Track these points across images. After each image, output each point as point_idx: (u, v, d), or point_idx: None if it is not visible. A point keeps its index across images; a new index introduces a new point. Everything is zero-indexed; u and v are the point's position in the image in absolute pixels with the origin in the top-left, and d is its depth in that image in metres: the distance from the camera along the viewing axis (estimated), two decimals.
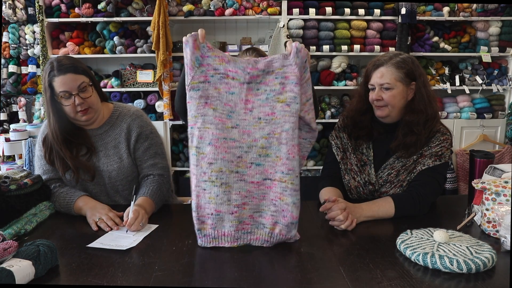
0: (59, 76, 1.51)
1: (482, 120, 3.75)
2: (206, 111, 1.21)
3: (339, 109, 3.75)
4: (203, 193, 1.22)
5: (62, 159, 1.58)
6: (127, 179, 1.65)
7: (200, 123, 1.21)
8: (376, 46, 3.64)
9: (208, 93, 1.22)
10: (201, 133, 1.21)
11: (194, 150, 1.22)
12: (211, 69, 1.23)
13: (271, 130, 1.23)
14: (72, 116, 1.56)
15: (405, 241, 1.19)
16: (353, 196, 1.65)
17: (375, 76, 1.58)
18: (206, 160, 1.21)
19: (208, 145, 1.20)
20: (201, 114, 1.21)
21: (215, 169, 1.20)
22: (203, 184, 1.22)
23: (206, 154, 1.21)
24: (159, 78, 3.53)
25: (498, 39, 3.75)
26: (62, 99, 1.53)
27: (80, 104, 1.53)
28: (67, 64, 1.53)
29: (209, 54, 1.25)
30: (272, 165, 1.23)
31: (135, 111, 1.72)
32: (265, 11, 3.59)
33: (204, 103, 1.22)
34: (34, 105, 3.79)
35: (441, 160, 1.54)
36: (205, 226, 1.23)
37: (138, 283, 1.04)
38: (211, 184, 1.21)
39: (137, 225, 1.35)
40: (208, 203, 1.22)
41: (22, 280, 0.99)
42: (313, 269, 1.10)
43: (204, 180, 1.21)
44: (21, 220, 1.38)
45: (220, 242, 1.24)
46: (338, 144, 1.69)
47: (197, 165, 1.22)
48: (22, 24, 3.71)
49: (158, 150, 1.69)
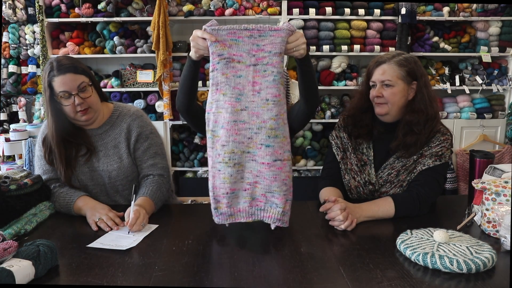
0: (58, 76, 1.51)
1: (482, 120, 3.75)
2: (218, 97, 1.29)
3: (339, 109, 3.75)
4: (218, 174, 1.30)
5: (60, 159, 1.58)
6: (127, 179, 1.65)
7: (214, 108, 1.30)
8: (376, 46, 3.64)
9: (217, 80, 1.29)
10: (215, 117, 1.30)
11: (210, 133, 1.30)
12: (216, 56, 1.28)
13: (278, 111, 1.29)
14: (72, 116, 1.56)
15: (405, 241, 1.19)
16: (353, 196, 1.65)
17: (376, 73, 1.58)
18: (220, 143, 1.28)
19: (221, 128, 1.28)
20: (215, 100, 1.30)
21: (227, 150, 1.28)
22: (218, 165, 1.29)
23: (220, 136, 1.29)
24: (159, 78, 3.53)
25: (498, 39, 3.74)
26: (62, 99, 1.53)
27: (80, 104, 1.53)
28: (66, 64, 1.53)
29: (211, 42, 1.28)
30: (281, 145, 1.29)
31: (135, 111, 1.72)
32: (265, 11, 3.59)
33: (215, 89, 1.30)
34: (34, 105, 3.79)
35: (441, 160, 1.54)
36: (221, 205, 1.31)
37: (138, 283, 1.04)
38: (225, 165, 1.28)
39: (139, 225, 1.35)
40: (223, 183, 1.29)
41: (22, 280, 0.99)
42: (313, 269, 1.10)
43: (218, 161, 1.29)
44: (21, 220, 1.38)
45: (236, 218, 1.33)
46: (338, 144, 1.69)
47: (212, 147, 1.31)
48: (22, 24, 3.71)
49: (158, 150, 1.69)
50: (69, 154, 1.60)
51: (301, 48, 1.33)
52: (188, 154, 3.79)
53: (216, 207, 1.32)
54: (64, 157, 1.58)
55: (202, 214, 1.55)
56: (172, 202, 1.81)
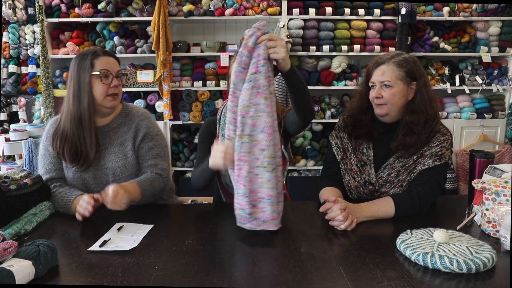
0: (104, 56, 1.61)
1: (482, 120, 3.75)
2: (258, 100, 1.26)
3: (339, 109, 3.75)
4: (255, 178, 1.28)
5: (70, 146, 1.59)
6: (131, 176, 1.66)
7: (252, 112, 1.27)
8: (376, 46, 3.64)
9: (259, 83, 1.27)
10: (254, 121, 1.27)
11: (247, 138, 1.27)
12: (261, 59, 1.27)
13: None
14: (101, 97, 1.59)
15: (405, 241, 1.19)
16: (353, 196, 1.65)
17: (376, 74, 1.58)
18: (258, 147, 1.27)
19: (260, 133, 1.27)
20: (253, 104, 1.27)
21: (267, 155, 1.26)
22: (255, 170, 1.28)
23: (259, 141, 1.27)
24: (159, 78, 3.53)
25: (498, 39, 3.75)
26: (100, 76, 1.58)
27: (115, 86, 1.60)
28: (110, 52, 1.69)
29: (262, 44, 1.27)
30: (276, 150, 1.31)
31: (144, 112, 1.76)
32: (265, 11, 3.59)
33: (256, 93, 1.27)
34: (34, 105, 3.79)
35: (441, 160, 1.54)
36: (256, 210, 1.29)
37: (138, 283, 1.04)
38: (263, 169, 1.27)
39: (115, 203, 1.37)
40: (260, 187, 1.28)
41: (22, 280, 0.99)
42: (313, 269, 1.10)
43: (256, 165, 1.27)
44: (21, 220, 1.38)
45: (268, 226, 1.29)
46: (338, 144, 1.70)
47: (249, 152, 1.27)
48: (22, 24, 3.71)
49: (160, 152, 1.70)
50: (80, 152, 1.60)
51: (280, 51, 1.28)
52: (188, 154, 3.79)
53: (251, 212, 1.29)
54: (74, 150, 1.59)
55: (202, 214, 1.55)
56: (172, 202, 1.81)
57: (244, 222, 1.30)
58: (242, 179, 1.28)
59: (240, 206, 1.29)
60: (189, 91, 3.69)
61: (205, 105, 3.71)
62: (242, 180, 1.28)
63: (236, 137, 1.28)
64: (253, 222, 1.29)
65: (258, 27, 1.28)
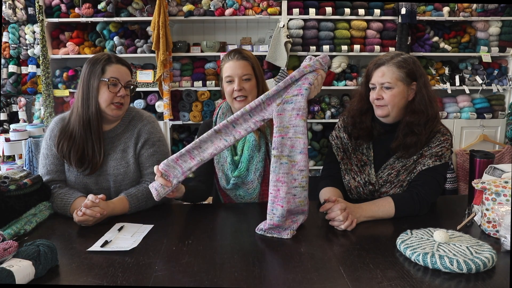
0: (117, 64, 1.61)
1: (482, 120, 3.75)
2: (298, 122, 1.29)
3: (339, 109, 3.75)
4: (293, 198, 1.30)
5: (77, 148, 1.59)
6: (132, 183, 1.65)
7: (291, 133, 1.30)
8: (376, 46, 3.64)
9: (300, 105, 1.29)
10: (293, 142, 1.29)
11: (286, 159, 1.29)
12: (307, 83, 1.30)
13: None
14: (106, 104, 1.58)
15: (405, 241, 1.19)
16: (353, 196, 1.65)
17: (376, 75, 1.58)
18: (297, 168, 1.29)
19: (299, 154, 1.29)
20: (293, 125, 1.29)
21: (305, 175, 1.29)
22: (293, 190, 1.29)
23: (297, 162, 1.29)
24: (159, 78, 3.53)
25: (498, 39, 3.75)
26: (108, 84, 1.57)
27: (122, 96, 1.59)
28: (124, 61, 1.66)
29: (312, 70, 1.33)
30: None
31: (147, 117, 1.74)
32: (265, 11, 3.59)
33: (296, 114, 1.29)
34: (34, 105, 3.79)
35: (441, 160, 1.54)
36: (292, 224, 1.33)
37: (138, 283, 1.04)
38: (301, 189, 1.30)
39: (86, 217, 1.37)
40: (298, 206, 1.31)
41: (22, 280, 0.99)
42: (313, 269, 1.10)
43: (294, 186, 1.29)
44: (21, 220, 1.38)
45: (294, 231, 1.32)
46: (338, 144, 1.69)
47: (288, 172, 1.29)
48: (22, 24, 3.71)
49: (161, 159, 1.68)
50: (86, 156, 1.60)
51: None
52: None
53: (288, 225, 1.32)
54: (81, 154, 1.59)
55: (202, 214, 1.55)
56: (172, 202, 1.81)
57: (267, 231, 1.32)
58: (280, 200, 1.29)
59: (275, 226, 1.30)
60: (189, 91, 3.69)
61: (205, 105, 3.71)
62: (279, 201, 1.29)
63: (274, 158, 1.29)
64: (288, 231, 1.31)
65: (321, 62, 1.34)
